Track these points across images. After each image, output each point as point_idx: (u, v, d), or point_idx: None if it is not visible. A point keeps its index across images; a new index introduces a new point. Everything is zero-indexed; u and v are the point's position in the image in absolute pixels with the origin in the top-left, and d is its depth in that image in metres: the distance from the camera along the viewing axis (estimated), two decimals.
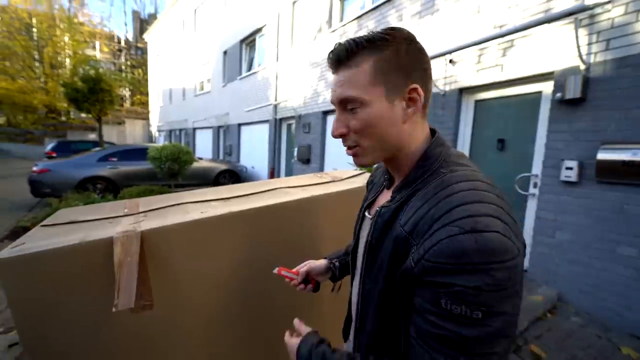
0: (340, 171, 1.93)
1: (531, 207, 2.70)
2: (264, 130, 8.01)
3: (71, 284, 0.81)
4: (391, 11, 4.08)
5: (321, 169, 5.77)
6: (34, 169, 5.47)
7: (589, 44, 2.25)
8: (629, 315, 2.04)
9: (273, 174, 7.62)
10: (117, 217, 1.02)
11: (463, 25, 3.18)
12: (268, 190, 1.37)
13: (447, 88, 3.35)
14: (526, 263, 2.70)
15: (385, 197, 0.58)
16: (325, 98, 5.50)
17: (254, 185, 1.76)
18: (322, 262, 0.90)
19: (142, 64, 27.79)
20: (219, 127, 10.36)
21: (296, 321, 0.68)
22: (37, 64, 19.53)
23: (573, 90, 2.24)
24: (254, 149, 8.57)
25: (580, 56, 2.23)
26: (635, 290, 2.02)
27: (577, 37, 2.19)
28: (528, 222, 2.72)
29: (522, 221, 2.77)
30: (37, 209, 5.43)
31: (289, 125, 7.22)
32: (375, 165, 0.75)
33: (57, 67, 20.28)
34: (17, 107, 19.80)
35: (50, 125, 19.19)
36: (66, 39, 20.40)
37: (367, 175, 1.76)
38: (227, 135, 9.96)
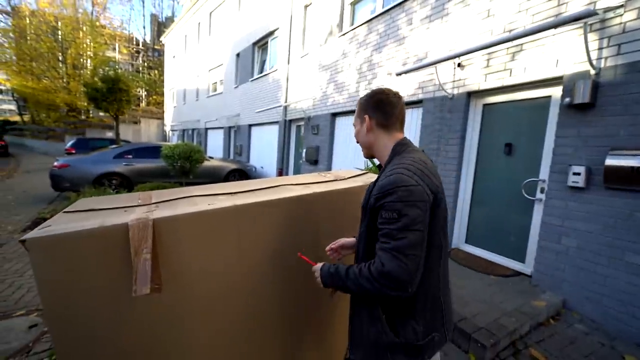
0: (344, 171, 1.98)
1: (537, 212, 2.67)
2: (273, 131, 8.15)
3: (90, 267, 0.88)
4: (401, 15, 4.11)
5: (329, 169, 5.83)
6: (55, 164, 5.75)
7: (600, 48, 2.23)
8: (635, 324, 2.00)
9: (281, 174, 7.72)
10: (132, 206, 1.10)
11: (472, 29, 3.19)
12: (272, 187, 1.44)
13: (456, 92, 3.36)
14: (530, 268, 2.67)
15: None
16: (334, 100, 5.57)
17: (259, 181, 1.84)
18: (351, 239, 1.21)
19: (158, 66, 28.67)
20: (230, 127, 10.58)
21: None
22: (60, 64, 20.42)
23: (582, 95, 2.22)
24: (264, 150, 8.72)
25: (590, 61, 2.21)
26: None
27: (586, 41, 2.18)
28: (534, 227, 2.69)
29: (528, 226, 2.75)
30: (57, 202, 5.70)
31: (298, 127, 7.31)
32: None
33: (79, 67, 21.14)
34: (41, 106, 20.75)
35: (71, 124, 19.98)
36: (88, 41, 21.29)
37: (370, 175, 1.80)
38: (238, 136, 10.16)
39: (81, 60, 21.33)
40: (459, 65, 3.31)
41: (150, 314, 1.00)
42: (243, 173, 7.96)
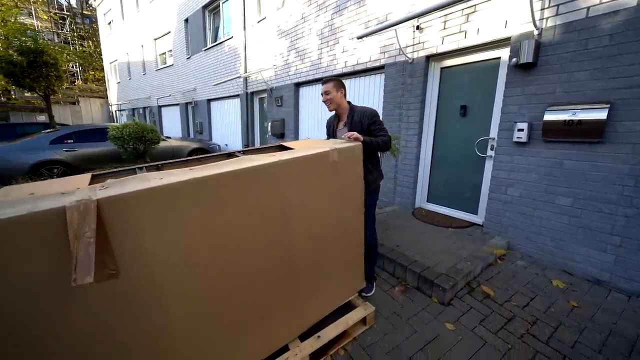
0: (312, 141, 1.96)
1: (488, 168, 2.94)
2: (235, 106, 7.69)
3: (24, 259, 0.78)
4: None
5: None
6: None
7: (542, 9, 2.36)
8: (562, 255, 2.38)
9: None
10: (73, 191, 0.98)
11: None
12: (232, 157, 1.37)
13: (415, 55, 3.39)
14: (482, 218, 2.99)
15: (342, 122, 2.05)
16: (297, 69, 5.34)
17: (218, 155, 1.74)
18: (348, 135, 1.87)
19: (92, 35, 24.70)
20: (187, 103, 9.77)
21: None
22: None
23: (526, 55, 2.38)
24: (226, 126, 8.26)
25: (534, 21, 2.34)
26: (567, 234, 2.34)
27: (531, 2, 2.28)
28: (485, 182, 2.97)
29: (480, 182, 3.02)
30: None
31: (261, 99, 6.98)
32: (329, 118, 2.17)
33: None
34: None
35: None
36: None
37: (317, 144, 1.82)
38: (197, 112, 9.45)
39: None
40: (417, 27, 3.31)
41: (101, 305, 0.92)
42: (206, 152, 7.54)
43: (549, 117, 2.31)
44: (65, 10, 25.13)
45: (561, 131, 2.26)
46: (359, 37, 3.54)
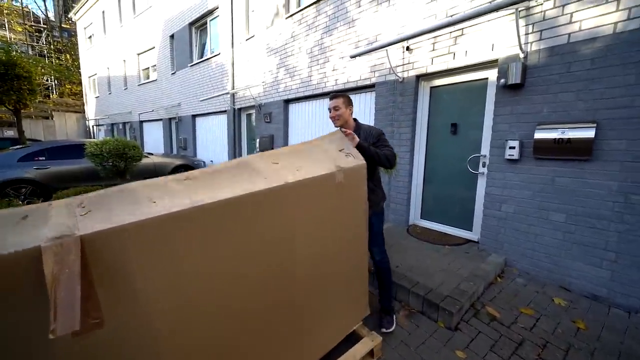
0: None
1: (481, 184, 2.97)
2: (222, 122, 7.56)
3: None
4: None
5: None
6: None
7: (527, 34, 2.49)
8: (558, 270, 2.39)
9: None
10: (46, 217, 0.83)
11: (418, 12, 3.30)
12: (234, 167, 1.24)
13: (406, 75, 3.47)
14: (477, 235, 2.98)
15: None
16: (286, 85, 5.35)
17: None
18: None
19: (70, 49, 23.98)
20: (170, 119, 9.52)
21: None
22: None
23: (514, 77, 2.47)
24: (212, 142, 8.07)
25: (520, 45, 2.46)
26: (562, 250, 2.36)
27: (517, 27, 2.41)
28: (479, 198, 2.99)
29: (473, 198, 3.05)
30: None
31: (249, 115, 6.90)
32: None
33: None
34: None
35: None
36: None
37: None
38: (181, 128, 9.20)
39: None
40: (407, 48, 3.41)
41: (83, 357, 0.77)
42: (190, 169, 7.27)
43: (539, 135, 2.38)
44: (42, 23, 24.41)
45: (552, 149, 2.32)
46: (352, 57, 3.60)
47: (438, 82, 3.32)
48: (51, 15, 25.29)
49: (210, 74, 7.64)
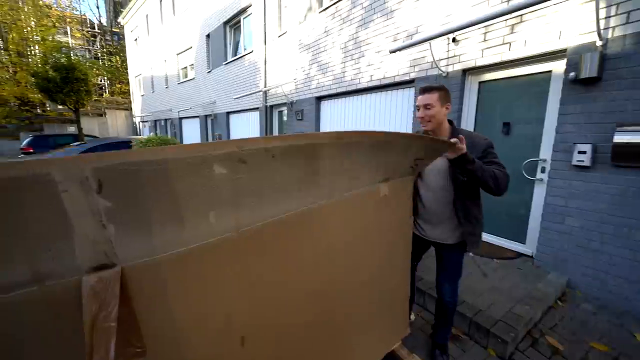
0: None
1: (539, 193, 2.62)
2: (254, 119, 7.69)
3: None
4: None
5: None
6: None
7: (607, 17, 2.09)
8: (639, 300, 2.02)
9: None
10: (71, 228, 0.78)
11: (467, 0, 2.96)
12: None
13: (450, 69, 3.17)
14: (532, 249, 2.65)
15: None
16: (319, 82, 5.23)
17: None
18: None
19: (119, 51, 26.13)
20: (207, 116, 9.92)
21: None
22: (2, 52, 18.05)
23: (589, 69, 2.10)
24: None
25: (599, 31, 2.07)
26: None
27: (597, 8, 2.03)
28: (535, 208, 2.64)
29: (529, 207, 2.70)
30: None
31: (280, 112, 6.92)
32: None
33: (25, 55, 18.83)
34: None
35: (25, 119, 18.03)
36: (33, 24, 18.83)
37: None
38: (216, 125, 9.56)
39: (27, 46, 18.96)
40: (453, 40, 3.10)
41: None
42: None
43: (620, 138, 2.01)
44: (96, 28, 26.83)
45: (638, 155, 1.94)
46: (392, 51, 3.36)
47: (489, 76, 2.97)
48: (104, 20, 27.67)
49: (243, 71, 7.77)
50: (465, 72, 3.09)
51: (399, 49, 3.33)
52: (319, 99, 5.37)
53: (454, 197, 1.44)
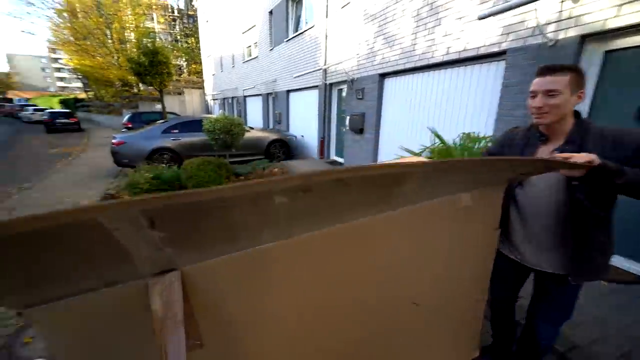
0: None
1: None
2: (313, 97, 7.61)
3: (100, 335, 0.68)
4: None
5: (376, 140, 5.28)
6: (113, 141, 6.13)
7: None
8: None
9: (323, 144, 7.35)
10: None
11: None
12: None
13: (561, 35, 2.47)
14: None
15: (552, 145, 1.08)
16: (383, 57, 4.78)
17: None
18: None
19: (194, 33, 28.53)
20: (268, 94, 10.24)
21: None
22: (109, 40, 21.42)
23: None
24: (304, 117, 8.31)
25: None
26: None
27: None
28: None
29: None
30: (120, 177, 6.21)
31: (340, 91, 6.67)
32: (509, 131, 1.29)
33: (124, 42, 22.02)
34: (99, 82, 22.53)
35: (125, 98, 21.55)
36: (129, 13, 21.71)
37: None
38: (276, 103, 9.82)
39: (125, 34, 22.07)
40: None
41: None
42: (284, 143, 7.78)
43: None
44: (176, 12, 29.55)
45: None
46: (481, 17, 2.77)
47: (622, 42, 2.22)
48: (181, 4, 30.21)
49: (304, 48, 7.62)
50: (584, 38, 2.37)
51: (493, 14, 2.71)
52: (383, 75, 4.94)
53: (569, 216, 1.06)
